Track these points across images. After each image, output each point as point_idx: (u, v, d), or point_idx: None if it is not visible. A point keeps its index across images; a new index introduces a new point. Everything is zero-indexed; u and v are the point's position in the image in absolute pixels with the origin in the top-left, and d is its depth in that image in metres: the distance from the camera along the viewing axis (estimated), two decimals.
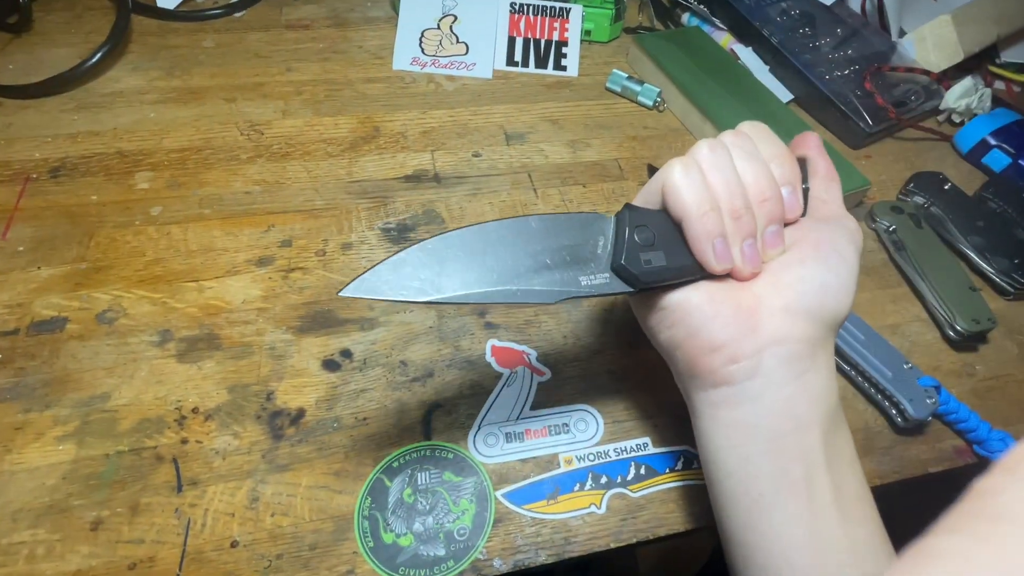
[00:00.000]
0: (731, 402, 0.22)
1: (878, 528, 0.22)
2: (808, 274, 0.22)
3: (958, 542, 0.12)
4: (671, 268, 0.22)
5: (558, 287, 0.21)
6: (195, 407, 0.29)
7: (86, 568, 0.24)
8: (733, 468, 0.22)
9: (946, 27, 0.49)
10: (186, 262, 0.35)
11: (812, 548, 0.20)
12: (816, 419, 0.21)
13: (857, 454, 0.23)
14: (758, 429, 0.22)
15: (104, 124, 0.42)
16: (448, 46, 0.50)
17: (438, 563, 0.25)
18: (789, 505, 0.21)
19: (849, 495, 0.21)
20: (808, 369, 0.22)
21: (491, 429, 0.29)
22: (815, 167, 0.26)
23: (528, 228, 0.21)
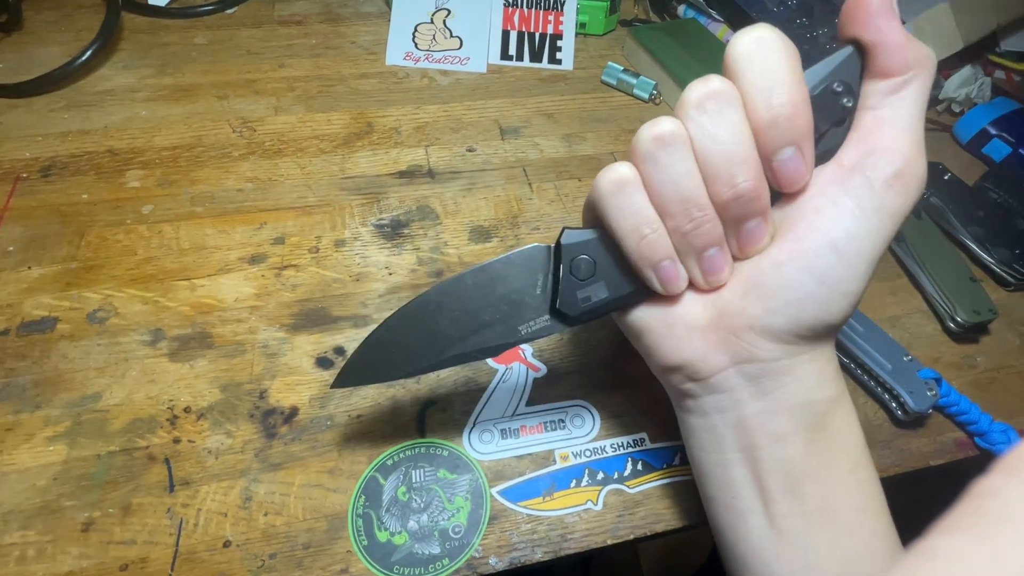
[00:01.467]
0: (698, 412, 0.21)
1: (878, 537, 0.20)
2: (783, 288, 0.18)
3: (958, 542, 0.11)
4: (613, 299, 0.21)
5: (497, 342, 0.21)
6: (187, 406, 0.29)
7: (77, 569, 0.24)
8: (709, 471, 0.21)
9: (945, 16, 0.48)
10: (178, 260, 0.34)
11: (790, 556, 0.19)
12: (797, 431, 0.19)
13: (866, 456, 0.20)
14: (727, 440, 0.20)
15: (95, 123, 0.41)
16: (442, 40, 0.49)
17: (433, 561, 0.25)
18: (766, 513, 0.20)
19: (843, 504, 0.19)
20: (783, 384, 0.19)
21: (486, 426, 0.29)
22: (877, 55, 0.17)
23: (464, 287, 0.22)
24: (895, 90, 0.17)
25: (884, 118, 0.17)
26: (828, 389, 0.20)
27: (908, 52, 0.17)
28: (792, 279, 0.18)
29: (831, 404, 0.20)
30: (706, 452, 0.22)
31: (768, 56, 0.17)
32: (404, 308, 0.22)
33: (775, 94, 0.17)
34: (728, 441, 0.20)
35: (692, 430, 0.22)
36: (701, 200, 0.18)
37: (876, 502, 0.20)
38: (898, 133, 0.17)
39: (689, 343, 0.20)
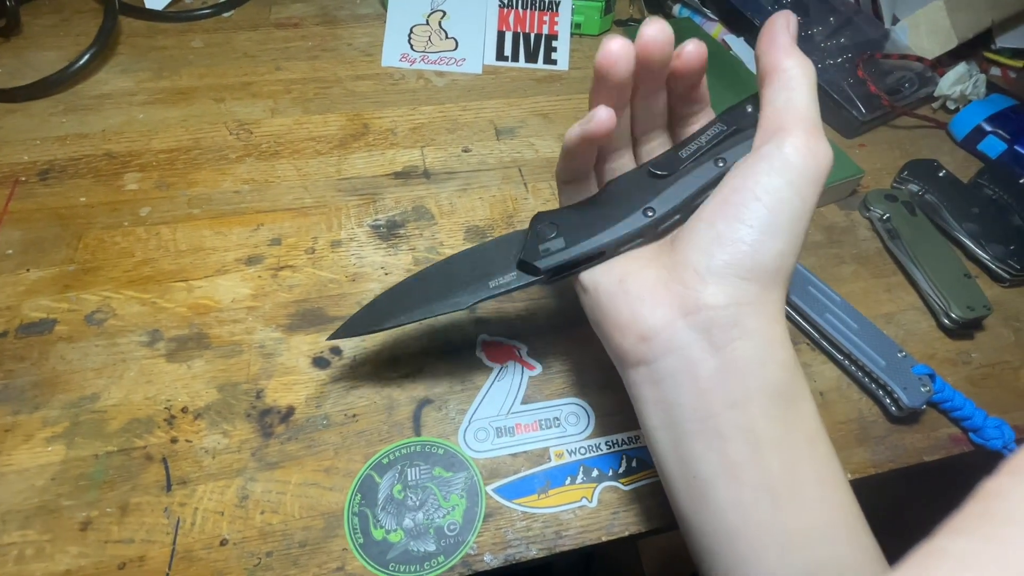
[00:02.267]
0: (651, 381, 0.21)
1: (841, 509, 0.20)
2: (718, 235, 0.20)
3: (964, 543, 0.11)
4: (570, 249, 0.23)
5: (469, 295, 0.24)
6: (184, 406, 0.29)
7: (76, 568, 0.24)
8: (667, 449, 0.21)
9: (939, 13, 0.48)
10: (175, 262, 0.34)
11: (752, 535, 0.19)
12: (753, 394, 0.19)
13: (823, 431, 0.20)
14: (683, 409, 0.20)
15: (92, 126, 0.42)
16: (437, 42, 0.49)
17: (428, 558, 0.25)
18: (727, 488, 0.19)
19: (805, 478, 0.19)
20: (735, 338, 0.19)
21: (481, 424, 0.29)
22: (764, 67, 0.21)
23: (451, 264, 0.26)
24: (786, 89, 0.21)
25: (781, 108, 0.21)
26: (778, 351, 0.20)
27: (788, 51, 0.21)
28: (724, 227, 0.20)
29: (784, 370, 0.20)
30: (663, 428, 0.21)
31: None
32: (400, 283, 0.26)
33: None
34: (685, 411, 0.20)
35: (647, 404, 0.21)
36: None
37: (836, 476, 0.20)
38: (795, 116, 0.21)
39: (639, 298, 0.21)
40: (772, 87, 0.21)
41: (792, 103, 0.21)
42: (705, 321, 0.20)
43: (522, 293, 0.34)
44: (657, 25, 0.21)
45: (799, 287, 0.34)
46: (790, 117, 0.20)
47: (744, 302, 0.20)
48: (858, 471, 0.29)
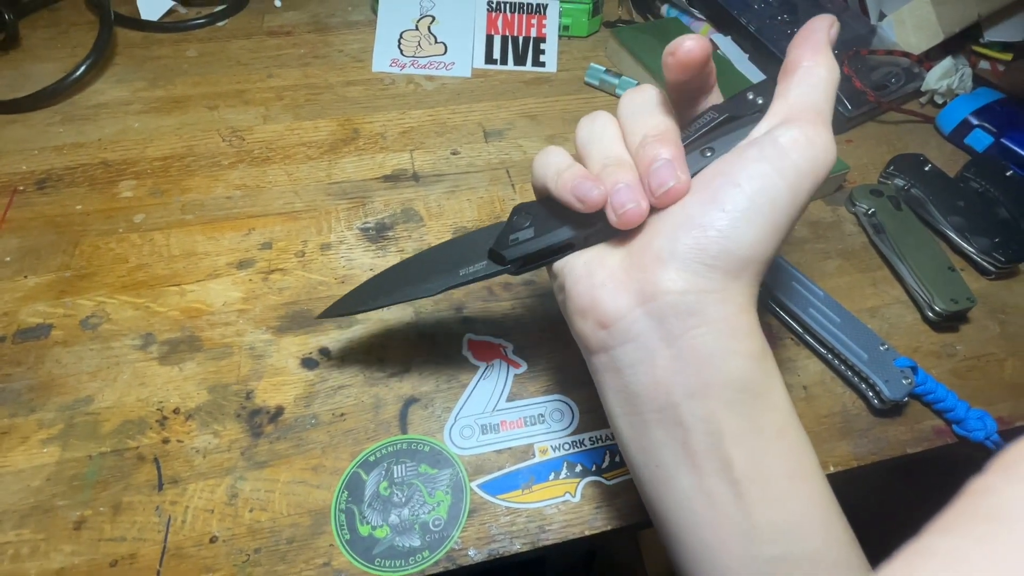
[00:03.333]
0: (612, 369, 0.20)
1: (815, 505, 0.19)
2: (687, 218, 0.19)
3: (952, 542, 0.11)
4: (538, 240, 0.23)
5: (440, 282, 0.25)
6: (176, 407, 0.29)
7: (69, 566, 0.25)
8: (630, 436, 0.21)
9: (925, 8, 0.49)
10: (168, 267, 0.35)
11: (716, 525, 0.19)
12: (714, 385, 0.19)
13: (795, 423, 0.20)
14: (643, 398, 0.20)
15: (89, 135, 0.43)
16: (427, 47, 0.50)
17: (413, 553, 0.26)
18: (689, 478, 0.19)
19: (773, 472, 0.19)
20: (692, 327, 0.19)
21: (467, 421, 0.30)
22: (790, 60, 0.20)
23: (432, 253, 0.27)
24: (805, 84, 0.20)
25: (793, 101, 0.20)
26: (742, 343, 0.19)
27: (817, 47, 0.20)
28: (696, 211, 0.19)
29: (750, 362, 0.19)
30: (625, 416, 0.21)
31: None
32: (385, 270, 0.28)
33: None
34: (645, 400, 0.20)
35: (608, 391, 0.21)
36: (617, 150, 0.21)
37: (809, 469, 0.19)
38: (805, 109, 0.20)
39: (601, 284, 0.20)
40: (791, 80, 0.20)
41: (806, 96, 0.20)
42: (662, 308, 0.19)
43: (507, 292, 0.35)
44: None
45: (782, 282, 0.34)
46: (798, 109, 0.19)
47: (706, 290, 0.19)
48: (841, 464, 0.29)
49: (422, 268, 0.26)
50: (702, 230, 0.19)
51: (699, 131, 0.22)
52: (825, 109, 0.20)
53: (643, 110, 0.22)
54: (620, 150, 0.21)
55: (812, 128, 0.19)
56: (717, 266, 0.19)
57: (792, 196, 0.19)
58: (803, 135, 0.19)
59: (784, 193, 0.19)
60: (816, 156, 0.19)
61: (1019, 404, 0.32)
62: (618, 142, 0.22)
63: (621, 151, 0.21)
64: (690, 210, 0.19)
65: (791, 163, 0.19)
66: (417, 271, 0.26)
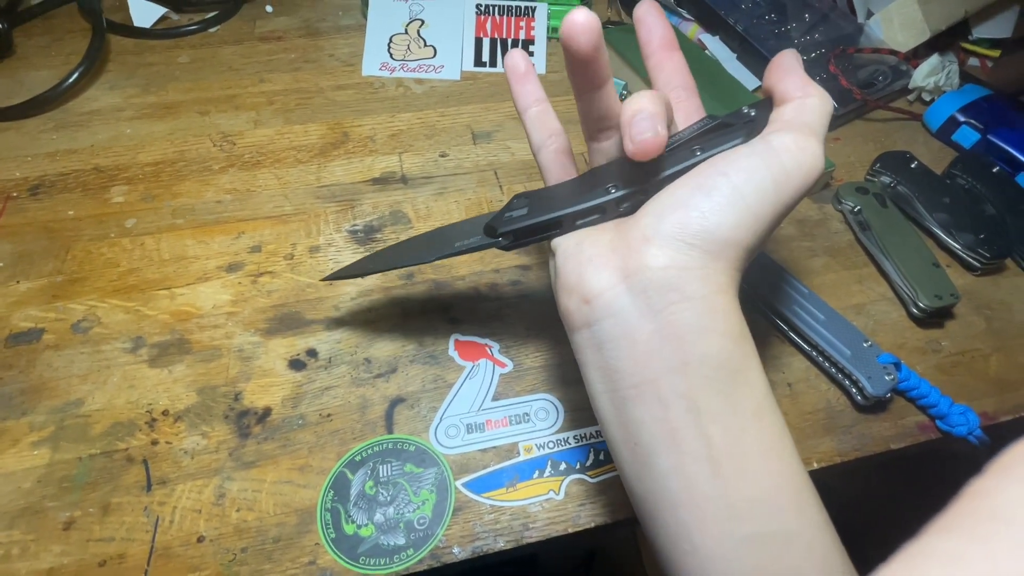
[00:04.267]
0: (592, 345, 0.21)
1: (789, 484, 0.19)
2: (674, 200, 0.20)
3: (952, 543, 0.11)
4: (530, 217, 0.24)
5: (435, 251, 0.27)
6: (165, 409, 0.30)
7: (58, 566, 0.25)
8: (610, 415, 0.21)
9: (911, 6, 0.49)
10: (159, 271, 0.36)
11: (692, 503, 0.19)
12: (693, 362, 0.19)
13: (772, 404, 0.20)
14: (623, 374, 0.20)
15: (82, 142, 0.43)
16: (416, 50, 0.50)
17: (398, 552, 0.26)
18: (668, 456, 0.19)
19: (749, 449, 0.19)
20: (672, 302, 0.19)
21: (453, 421, 0.30)
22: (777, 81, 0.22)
23: (429, 234, 0.29)
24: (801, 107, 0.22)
25: (788, 117, 0.22)
26: (721, 322, 0.20)
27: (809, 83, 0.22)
28: (683, 194, 0.20)
29: (728, 341, 0.20)
30: (605, 393, 0.21)
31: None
32: (390, 246, 0.31)
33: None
34: (624, 376, 0.20)
35: (590, 368, 0.22)
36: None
37: (783, 449, 0.20)
38: (800, 124, 0.21)
39: (588, 260, 0.21)
40: (784, 107, 0.22)
41: (801, 116, 0.21)
42: (643, 283, 0.20)
43: (494, 292, 0.35)
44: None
45: (767, 280, 0.34)
46: (794, 124, 0.21)
47: (687, 267, 0.19)
48: (825, 460, 0.30)
49: (422, 243, 0.28)
50: (685, 210, 0.20)
51: (691, 133, 0.23)
52: (819, 129, 0.21)
53: None
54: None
55: (804, 138, 0.20)
56: (696, 244, 0.20)
57: (776, 191, 0.20)
58: (794, 142, 0.20)
59: (769, 186, 0.20)
60: (804, 161, 0.20)
61: (1004, 399, 0.32)
62: None
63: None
64: (678, 194, 0.20)
65: (779, 162, 0.20)
66: (418, 246, 0.28)
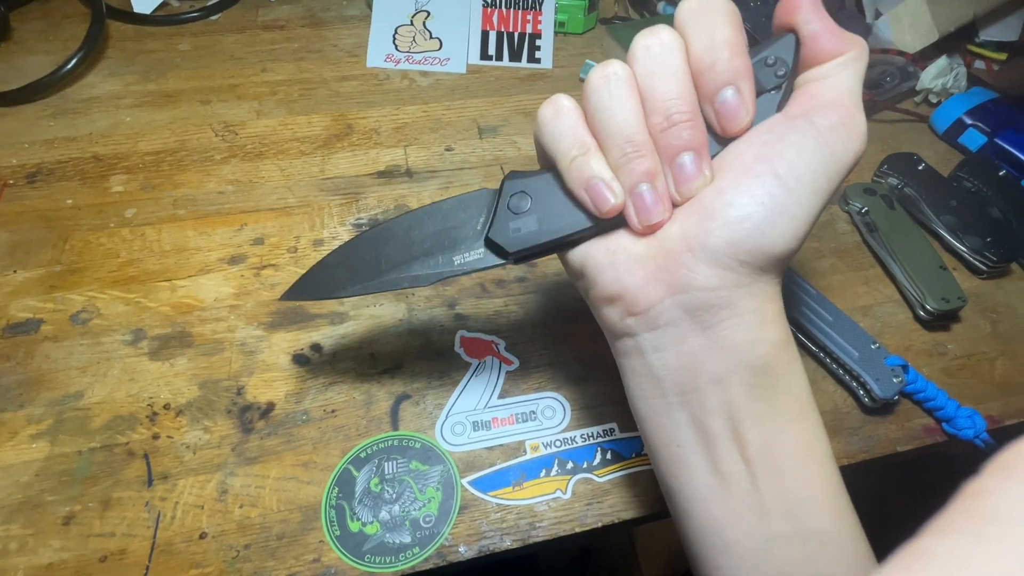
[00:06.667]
0: (635, 353, 0.21)
1: (824, 488, 0.19)
2: (722, 207, 0.18)
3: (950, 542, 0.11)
4: (544, 232, 0.21)
5: (433, 270, 0.22)
6: (167, 403, 0.29)
7: (58, 561, 0.25)
8: (650, 417, 0.21)
9: (920, 7, 0.49)
10: (159, 262, 0.35)
11: (727, 502, 0.19)
12: (737, 372, 0.19)
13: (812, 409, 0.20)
14: (667, 382, 0.20)
15: (80, 129, 0.42)
16: (422, 42, 0.50)
17: (404, 550, 0.26)
18: (705, 459, 0.20)
19: (786, 452, 0.19)
20: (723, 319, 0.19)
21: (459, 418, 0.30)
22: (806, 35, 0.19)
23: (415, 220, 0.23)
24: (837, 68, 0.19)
25: (828, 84, 0.19)
26: (770, 331, 0.19)
27: (844, 36, 0.19)
28: (732, 199, 0.18)
29: (774, 348, 0.19)
30: (646, 398, 0.21)
31: (711, 12, 0.19)
32: (359, 235, 0.24)
33: (716, 38, 0.18)
34: (667, 384, 0.20)
35: (631, 374, 0.21)
36: (637, 133, 0.19)
37: (821, 453, 0.20)
38: (840, 93, 0.19)
39: (628, 272, 0.20)
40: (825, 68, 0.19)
41: (841, 82, 0.19)
42: (695, 301, 0.19)
43: (500, 289, 0.35)
44: None
45: None
46: (834, 92, 0.19)
47: (738, 284, 0.19)
48: None
49: (403, 246, 0.23)
50: (738, 224, 0.18)
51: None
52: (859, 92, 0.19)
53: (664, 69, 0.19)
54: (640, 130, 0.19)
55: (848, 114, 0.18)
56: (750, 262, 0.18)
57: (828, 185, 0.19)
58: (842, 123, 0.18)
59: (822, 181, 0.18)
60: (854, 144, 0.19)
61: (1009, 403, 0.32)
62: (638, 117, 0.19)
63: (642, 132, 0.19)
64: (727, 197, 0.18)
65: (830, 152, 0.18)
66: (398, 249, 0.23)
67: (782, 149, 0.18)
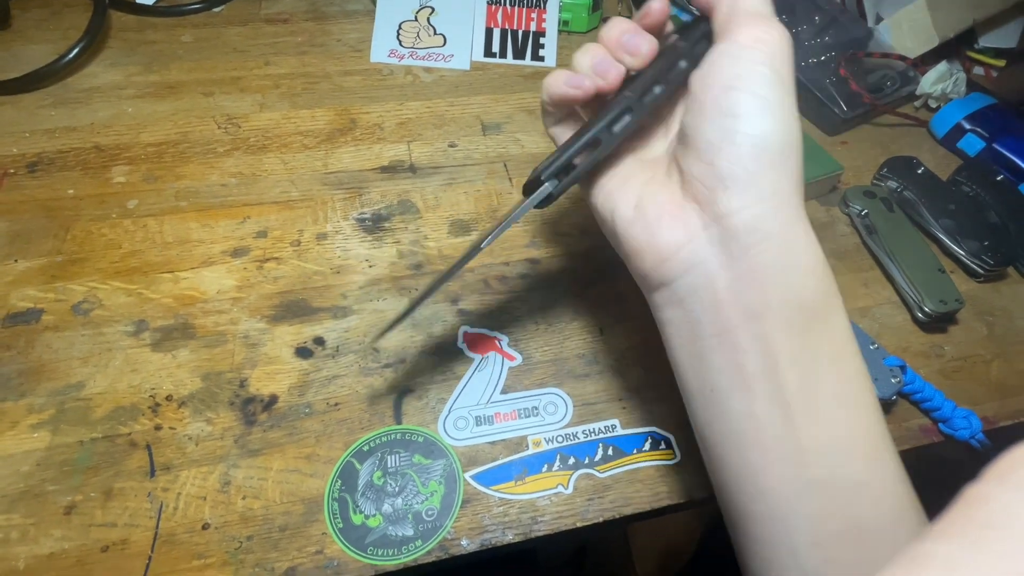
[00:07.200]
0: (673, 302, 0.21)
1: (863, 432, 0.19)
2: (709, 141, 0.20)
3: (949, 548, 0.11)
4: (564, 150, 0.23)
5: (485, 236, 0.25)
6: (169, 395, 0.29)
7: (59, 551, 0.25)
8: (688, 365, 0.21)
9: (921, 13, 0.49)
10: (162, 254, 0.35)
11: (762, 446, 0.19)
12: (773, 304, 0.19)
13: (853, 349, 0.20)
14: (702, 324, 0.20)
15: (81, 119, 0.42)
16: (426, 38, 0.50)
17: (406, 543, 0.26)
18: (741, 400, 0.20)
19: (823, 394, 0.19)
20: (752, 244, 0.19)
21: (461, 413, 0.30)
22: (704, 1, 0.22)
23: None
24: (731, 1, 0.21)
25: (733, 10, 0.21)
26: (802, 257, 0.20)
27: None
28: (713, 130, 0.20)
29: (811, 278, 0.20)
30: (684, 346, 0.21)
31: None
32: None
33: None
34: (704, 326, 0.20)
35: (669, 324, 0.22)
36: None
37: (861, 397, 0.19)
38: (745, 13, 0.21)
39: (656, 221, 0.21)
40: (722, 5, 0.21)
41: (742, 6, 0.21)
42: (721, 232, 0.20)
43: (503, 285, 0.35)
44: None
45: None
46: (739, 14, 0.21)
47: (759, 199, 0.19)
48: None
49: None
50: (730, 143, 0.20)
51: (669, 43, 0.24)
52: (766, 11, 0.21)
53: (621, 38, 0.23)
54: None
55: (762, 26, 0.20)
56: (758, 170, 0.19)
57: (778, 75, 0.20)
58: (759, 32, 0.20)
59: (770, 75, 0.20)
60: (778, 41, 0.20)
61: (1005, 404, 0.33)
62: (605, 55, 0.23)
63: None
64: (709, 135, 0.20)
65: (761, 53, 0.20)
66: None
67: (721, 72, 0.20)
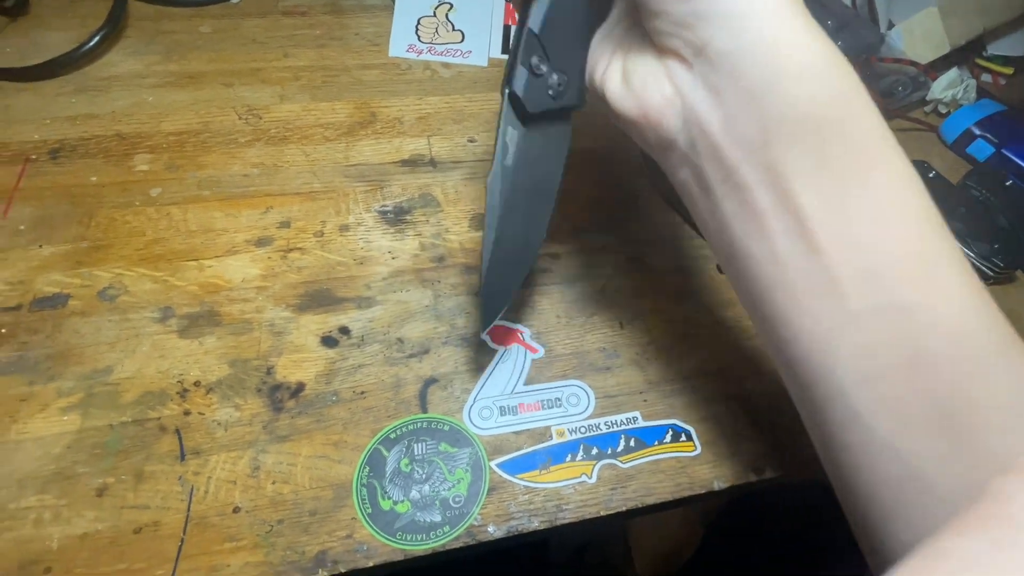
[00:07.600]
0: (681, 161, 0.20)
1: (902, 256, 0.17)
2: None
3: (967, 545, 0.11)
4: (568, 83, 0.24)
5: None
6: (197, 380, 0.30)
7: (92, 532, 0.25)
8: (710, 225, 0.20)
9: (933, 19, 0.50)
10: (186, 242, 0.35)
11: (787, 282, 0.17)
12: (772, 125, 0.17)
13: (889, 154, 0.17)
14: (709, 174, 0.19)
15: (102, 107, 0.42)
16: (444, 34, 0.50)
17: (434, 528, 0.26)
18: (758, 244, 0.18)
19: (850, 217, 0.16)
20: (732, 70, 0.17)
21: (486, 403, 0.30)
22: None
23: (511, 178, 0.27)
24: None
25: None
26: (786, 60, 0.17)
27: None
28: None
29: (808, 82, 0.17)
30: (702, 206, 0.20)
31: None
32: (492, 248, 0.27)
33: None
34: (711, 175, 0.19)
35: (685, 186, 0.21)
36: None
37: (903, 207, 0.17)
38: None
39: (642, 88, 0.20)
40: None
41: None
42: (703, 72, 0.18)
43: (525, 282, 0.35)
44: None
45: None
46: None
47: (724, 18, 0.17)
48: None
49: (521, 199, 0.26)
50: None
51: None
52: None
53: None
54: None
55: None
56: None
57: None
58: None
59: None
60: None
61: None
62: None
63: None
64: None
65: None
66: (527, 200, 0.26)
67: None
